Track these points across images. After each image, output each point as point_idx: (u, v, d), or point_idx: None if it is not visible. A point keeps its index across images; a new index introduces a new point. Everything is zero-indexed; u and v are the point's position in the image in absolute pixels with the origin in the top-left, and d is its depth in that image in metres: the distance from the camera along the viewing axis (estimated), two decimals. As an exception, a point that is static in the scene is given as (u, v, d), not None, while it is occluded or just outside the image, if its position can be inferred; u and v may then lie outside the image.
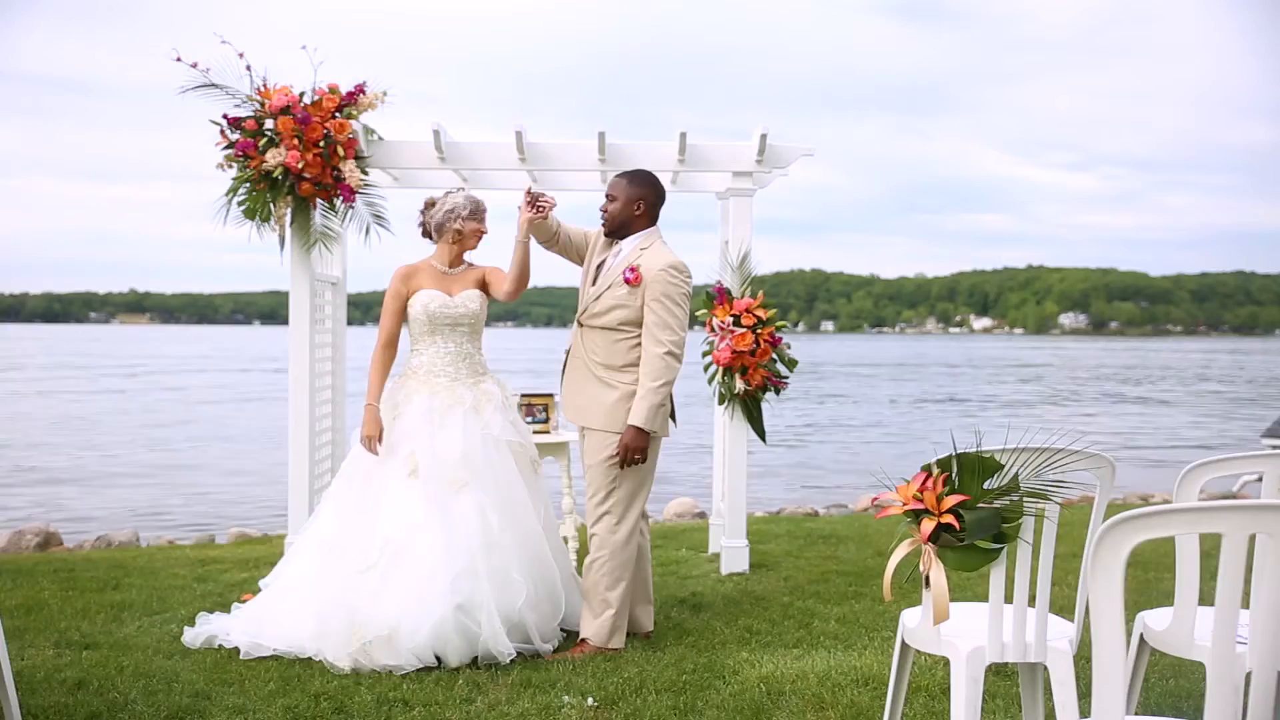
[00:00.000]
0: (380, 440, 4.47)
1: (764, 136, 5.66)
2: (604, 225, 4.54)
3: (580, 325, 4.50)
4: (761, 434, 5.83)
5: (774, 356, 5.73)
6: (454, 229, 4.66)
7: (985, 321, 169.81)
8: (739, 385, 5.67)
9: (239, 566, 6.05)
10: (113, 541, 7.40)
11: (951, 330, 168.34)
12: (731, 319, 5.66)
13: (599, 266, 4.54)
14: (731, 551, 5.89)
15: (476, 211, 4.71)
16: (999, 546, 2.69)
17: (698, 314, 5.92)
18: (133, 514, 10.67)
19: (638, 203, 4.47)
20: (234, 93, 5.38)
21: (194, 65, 5.28)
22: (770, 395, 5.79)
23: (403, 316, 4.68)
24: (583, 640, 4.38)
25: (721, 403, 5.92)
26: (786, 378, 5.81)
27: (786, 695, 3.78)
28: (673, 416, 4.60)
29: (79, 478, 13.57)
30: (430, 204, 4.80)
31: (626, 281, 4.35)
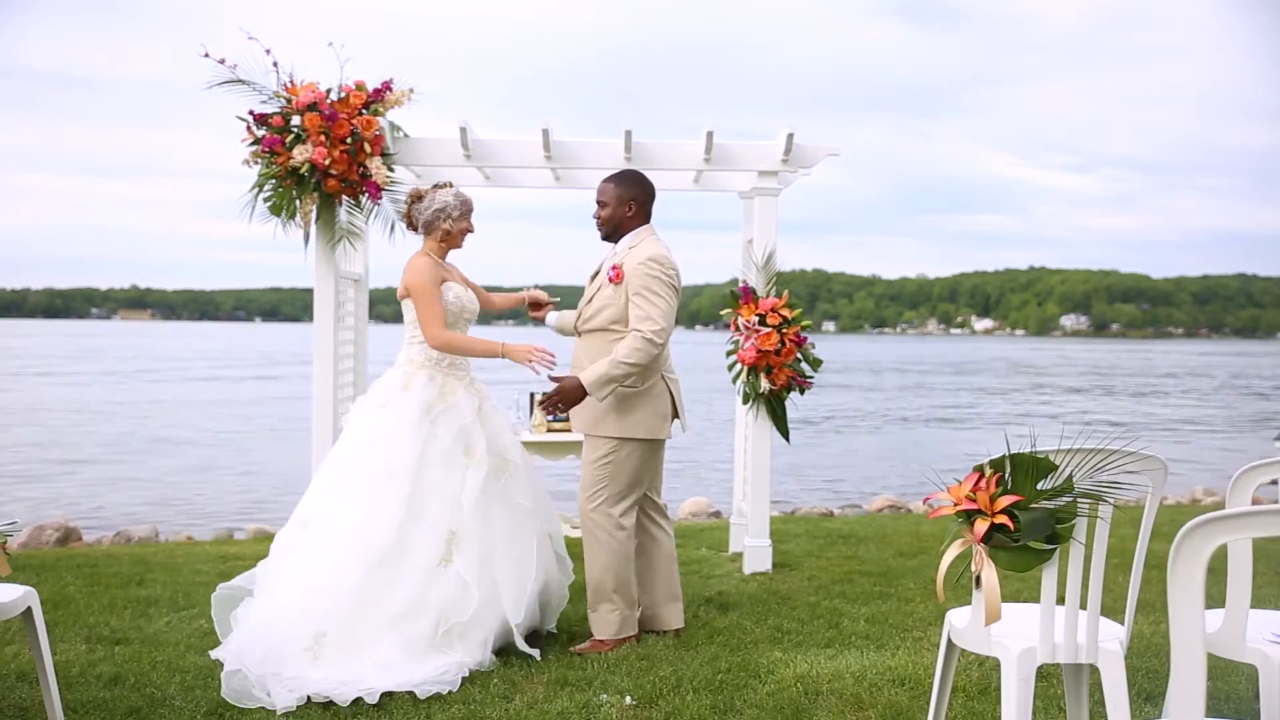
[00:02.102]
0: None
1: (790, 136, 5.66)
2: (599, 231, 4.58)
3: (579, 334, 4.54)
4: (785, 433, 5.82)
5: (799, 356, 5.73)
6: (444, 228, 4.57)
7: (987, 323, 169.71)
8: (764, 385, 5.66)
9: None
10: (132, 537, 7.39)
11: (953, 332, 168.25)
12: (757, 318, 5.65)
13: (595, 275, 4.58)
14: (755, 551, 5.89)
15: (466, 211, 4.62)
16: (1052, 547, 2.69)
17: (722, 313, 5.92)
18: (149, 511, 10.66)
19: (629, 203, 4.50)
20: (260, 89, 5.36)
21: (221, 61, 5.27)
22: (795, 395, 5.79)
23: None
24: (596, 640, 4.42)
25: (746, 402, 5.90)
26: (811, 377, 5.80)
27: (824, 695, 3.78)
28: (679, 416, 4.59)
29: (89, 476, 13.56)
30: (417, 197, 4.64)
31: (610, 280, 4.38)
